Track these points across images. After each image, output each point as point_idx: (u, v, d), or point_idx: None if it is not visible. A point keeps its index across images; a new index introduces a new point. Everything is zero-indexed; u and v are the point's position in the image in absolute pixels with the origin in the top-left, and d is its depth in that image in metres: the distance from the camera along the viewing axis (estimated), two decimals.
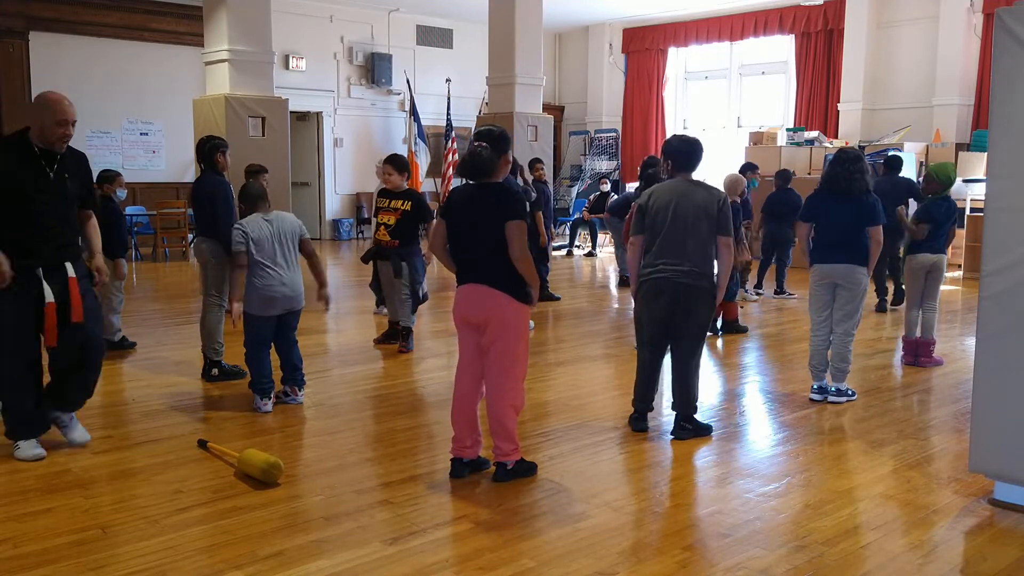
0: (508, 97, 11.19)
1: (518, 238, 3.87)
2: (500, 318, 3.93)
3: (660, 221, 4.63)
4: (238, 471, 4.10)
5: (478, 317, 3.97)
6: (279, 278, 5.08)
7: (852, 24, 14.74)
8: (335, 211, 16.80)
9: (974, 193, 11.42)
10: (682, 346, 4.75)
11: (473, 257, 3.99)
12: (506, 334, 3.94)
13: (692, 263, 4.59)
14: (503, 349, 3.95)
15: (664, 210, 4.63)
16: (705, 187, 4.72)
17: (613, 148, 17.73)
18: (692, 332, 4.72)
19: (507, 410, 4.00)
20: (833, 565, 3.28)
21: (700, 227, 4.59)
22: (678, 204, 4.61)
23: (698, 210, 4.59)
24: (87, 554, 3.29)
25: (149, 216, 13.70)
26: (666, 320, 4.70)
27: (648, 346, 4.86)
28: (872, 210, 5.40)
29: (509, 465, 4.06)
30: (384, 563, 3.24)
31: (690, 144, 4.81)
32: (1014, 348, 3.73)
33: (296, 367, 5.35)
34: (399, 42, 16.98)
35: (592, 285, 11.82)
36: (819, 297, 5.56)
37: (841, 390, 5.54)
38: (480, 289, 3.95)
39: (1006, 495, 3.85)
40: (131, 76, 14.36)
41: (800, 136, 14.29)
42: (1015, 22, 3.62)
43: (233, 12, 8.84)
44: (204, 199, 6.00)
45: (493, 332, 3.94)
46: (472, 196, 4.00)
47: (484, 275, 3.94)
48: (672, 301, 4.63)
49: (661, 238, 4.63)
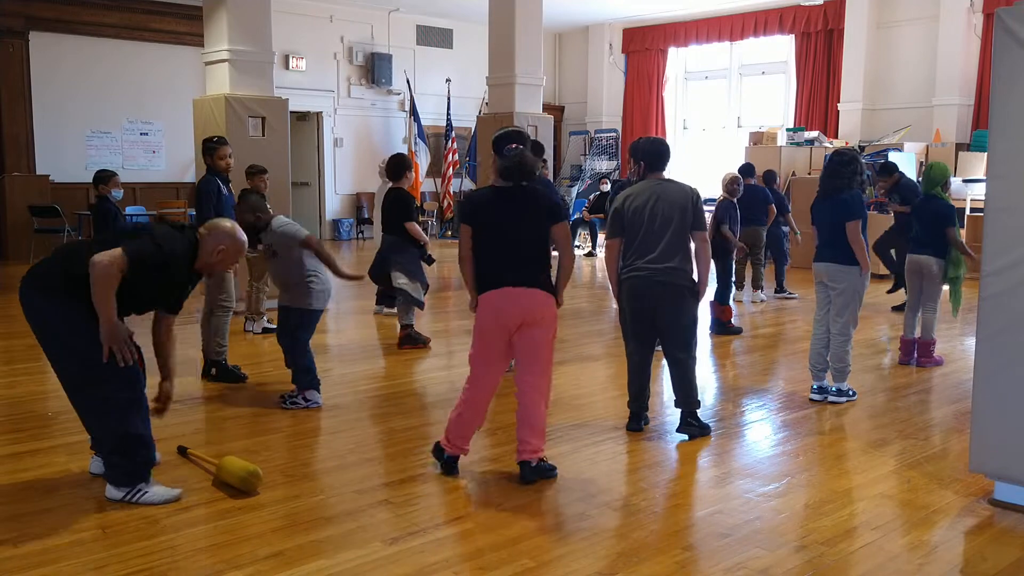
0: (508, 97, 11.17)
1: (567, 241, 4.04)
2: (546, 318, 4.02)
3: (637, 222, 4.67)
4: (216, 479, 4.04)
5: (523, 318, 3.98)
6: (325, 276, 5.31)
7: (852, 24, 14.73)
8: (335, 211, 16.80)
9: (974, 193, 11.41)
10: (674, 343, 4.77)
11: (513, 259, 3.99)
12: (548, 334, 4.06)
13: (671, 261, 4.63)
14: (544, 348, 4.05)
15: (641, 210, 4.67)
16: (678, 184, 4.78)
17: (613, 148, 17.72)
18: (679, 327, 4.74)
19: (542, 405, 4.09)
20: (833, 565, 3.28)
21: (676, 224, 4.64)
22: (655, 204, 4.65)
23: (674, 208, 4.65)
24: (87, 554, 3.29)
25: (149, 216, 13.69)
26: (650, 319, 4.74)
27: (635, 346, 4.89)
28: (845, 205, 5.35)
29: (534, 463, 4.06)
30: (384, 563, 3.24)
31: (659, 144, 4.90)
32: (1014, 348, 3.73)
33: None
34: (399, 42, 16.98)
35: (592, 285, 11.81)
36: (817, 296, 5.66)
37: (842, 390, 5.54)
38: (526, 291, 3.98)
39: (1006, 495, 3.85)
40: (131, 76, 14.34)
41: (800, 136, 14.28)
42: (1015, 22, 3.62)
43: (233, 12, 8.83)
44: (196, 199, 6.21)
45: (539, 332, 4.01)
46: (509, 198, 4.01)
47: (527, 277, 3.98)
48: (653, 299, 4.67)
49: (640, 238, 4.67)
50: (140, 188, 14.20)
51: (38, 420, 5.07)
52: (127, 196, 7.02)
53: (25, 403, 5.38)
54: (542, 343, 4.04)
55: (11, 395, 5.63)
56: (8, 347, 7.04)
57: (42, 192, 13.03)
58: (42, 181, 13.17)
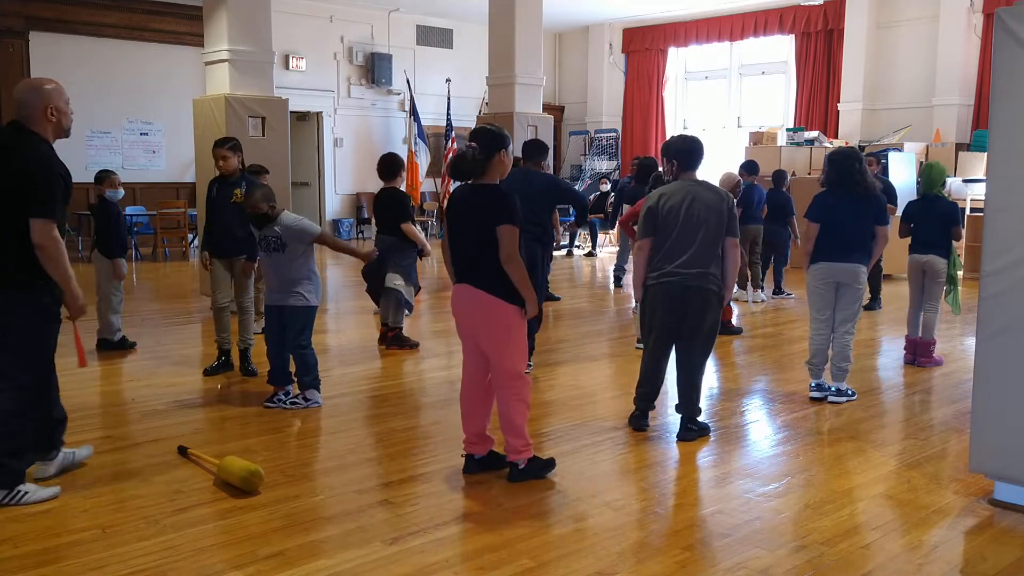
0: (508, 97, 11.17)
1: (508, 242, 3.84)
2: (489, 320, 3.94)
3: (672, 222, 4.59)
4: (218, 479, 4.05)
5: (472, 320, 4.01)
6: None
7: (852, 24, 14.74)
8: (335, 211, 16.80)
9: (974, 193, 11.42)
10: (693, 348, 4.74)
11: (466, 258, 4.01)
12: (497, 334, 3.95)
13: (702, 265, 4.58)
14: (497, 348, 3.96)
15: (676, 211, 4.59)
16: (712, 188, 4.72)
17: (613, 148, 17.73)
18: (703, 334, 4.69)
19: (514, 405, 4.00)
20: (833, 565, 3.28)
21: (710, 228, 4.57)
22: (691, 204, 4.58)
23: (709, 211, 4.58)
24: (87, 554, 3.29)
25: (149, 216, 13.70)
26: (676, 323, 4.69)
27: (656, 348, 4.84)
28: (882, 210, 5.46)
29: (521, 464, 4.05)
30: (384, 563, 3.24)
31: (693, 143, 4.82)
32: (1014, 348, 3.73)
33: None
34: (399, 42, 16.99)
35: (592, 285, 11.82)
36: (822, 295, 5.53)
37: (841, 390, 5.54)
38: (470, 291, 3.97)
39: (1006, 495, 3.85)
40: (131, 76, 14.36)
41: (800, 136, 14.28)
42: (1015, 22, 3.62)
43: (233, 12, 8.83)
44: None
45: (484, 333, 3.97)
46: (467, 197, 4.02)
47: (475, 277, 3.96)
48: (683, 304, 4.61)
49: (672, 239, 4.60)
50: (140, 188, 14.21)
51: None
52: (127, 196, 7.00)
53: None
54: (493, 343, 3.96)
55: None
56: None
57: None
58: None
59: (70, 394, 5.65)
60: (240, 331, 6.12)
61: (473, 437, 4.15)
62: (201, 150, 9.03)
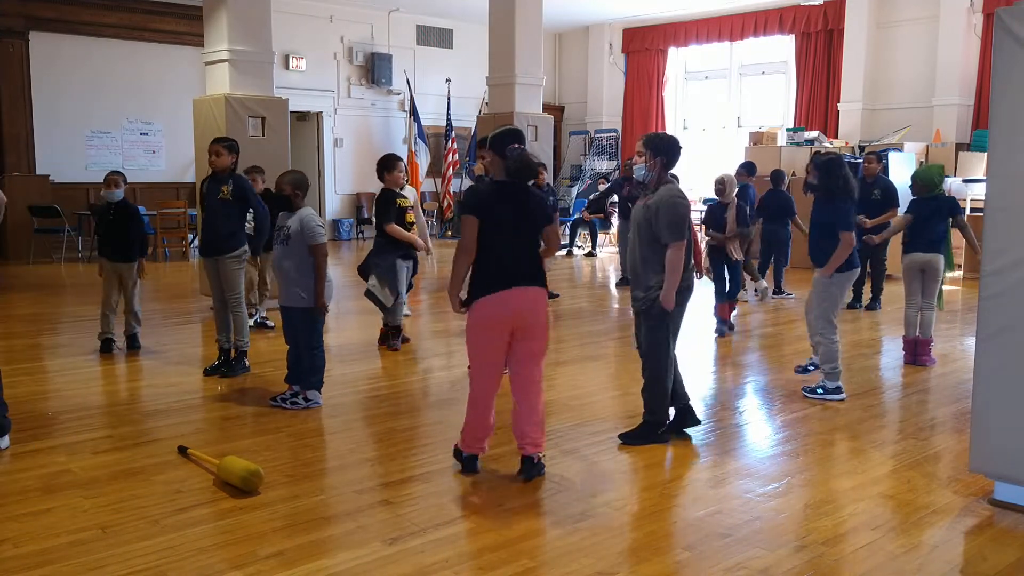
0: (508, 97, 11.17)
1: (557, 241, 4.26)
2: (543, 316, 4.10)
3: (688, 228, 4.59)
4: (218, 479, 4.04)
5: (531, 315, 4.03)
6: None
7: (852, 24, 14.73)
8: (335, 211, 16.79)
9: (974, 193, 11.41)
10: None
11: (518, 258, 4.03)
12: (546, 331, 4.17)
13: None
14: (543, 345, 4.15)
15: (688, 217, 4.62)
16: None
17: (613, 148, 17.72)
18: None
19: (542, 397, 4.17)
20: (833, 565, 3.28)
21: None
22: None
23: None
24: (87, 554, 3.29)
25: (149, 216, 13.68)
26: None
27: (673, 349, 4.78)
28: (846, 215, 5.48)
29: (536, 458, 4.12)
30: (384, 563, 3.24)
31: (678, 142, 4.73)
32: (1014, 348, 3.73)
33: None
34: (399, 42, 16.98)
35: (592, 285, 11.82)
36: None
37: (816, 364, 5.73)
38: (534, 291, 4.04)
39: (1006, 495, 3.85)
40: (131, 76, 14.34)
41: (800, 136, 14.28)
42: (1015, 22, 3.62)
43: (233, 12, 8.83)
44: None
45: (540, 331, 4.10)
46: (512, 196, 4.04)
47: (531, 277, 4.05)
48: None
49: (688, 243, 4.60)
50: (140, 188, 14.19)
51: (38, 420, 5.08)
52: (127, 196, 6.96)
53: (25, 403, 5.37)
54: (542, 339, 4.14)
55: (11, 395, 5.59)
56: (8, 347, 7.03)
57: (42, 192, 13.02)
58: (42, 181, 13.16)
59: (70, 394, 5.68)
60: (234, 331, 6.08)
61: (479, 443, 4.17)
62: (201, 150, 9.00)
